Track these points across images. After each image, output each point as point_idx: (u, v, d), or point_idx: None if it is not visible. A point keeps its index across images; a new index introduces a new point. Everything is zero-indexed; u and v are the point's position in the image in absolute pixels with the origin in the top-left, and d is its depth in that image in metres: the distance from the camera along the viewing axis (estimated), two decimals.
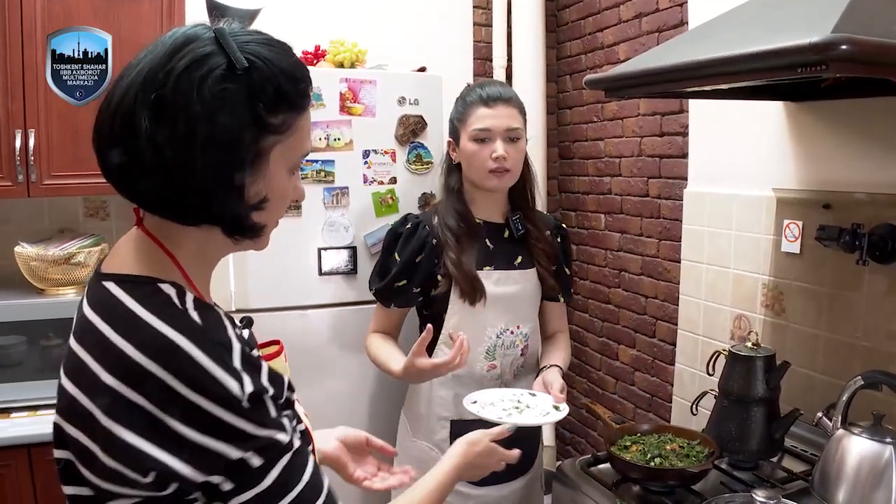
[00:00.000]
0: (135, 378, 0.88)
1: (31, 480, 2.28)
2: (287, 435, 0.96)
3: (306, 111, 1.03)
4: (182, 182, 0.92)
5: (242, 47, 0.95)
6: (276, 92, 0.96)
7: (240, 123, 0.93)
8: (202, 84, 0.91)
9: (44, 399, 2.44)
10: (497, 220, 2.18)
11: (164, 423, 0.87)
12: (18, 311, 2.44)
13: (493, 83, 2.17)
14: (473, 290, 2.07)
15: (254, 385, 0.92)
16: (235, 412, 0.90)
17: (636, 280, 3.04)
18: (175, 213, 0.97)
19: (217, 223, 0.98)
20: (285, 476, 0.95)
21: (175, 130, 0.90)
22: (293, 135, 1.01)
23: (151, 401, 0.88)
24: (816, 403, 1.89)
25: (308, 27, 3.00)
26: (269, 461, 0.93)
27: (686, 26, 2.62)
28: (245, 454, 0.91)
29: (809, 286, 2.09)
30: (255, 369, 0.95)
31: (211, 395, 0.89)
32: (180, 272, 1.00)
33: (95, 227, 2.87)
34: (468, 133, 2.09)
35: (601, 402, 3.34)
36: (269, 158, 0.98)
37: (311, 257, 2.59)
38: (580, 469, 1.96)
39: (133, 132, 0.91)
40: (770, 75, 1.40)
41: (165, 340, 0.90)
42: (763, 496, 1.47)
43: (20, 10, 2.38)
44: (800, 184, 2.14)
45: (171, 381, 0.88)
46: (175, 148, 0.90)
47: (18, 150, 2.43)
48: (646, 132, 2.93)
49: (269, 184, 1.00)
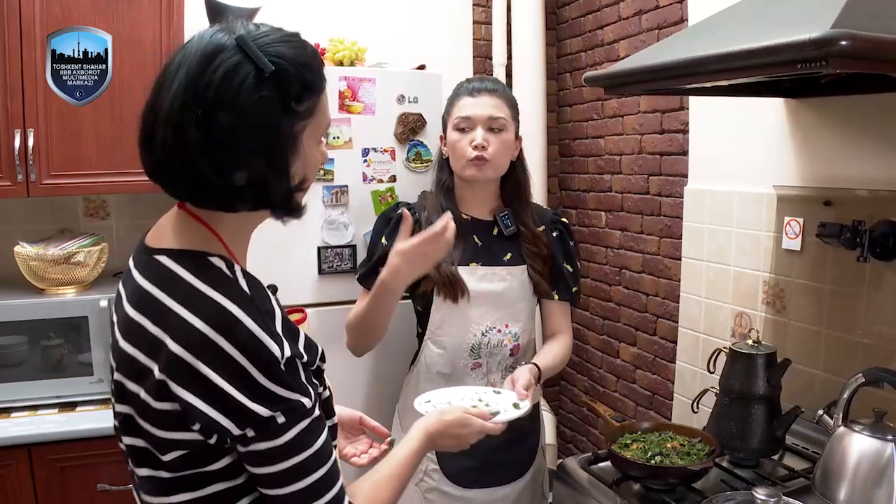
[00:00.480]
0: (195, 343, 1.00)
1: (31, 480, 2.28)
2: (311, 400, 1.06)
3: (323, 91, 1.14)
4: (234, 180, 1.04)
5: (265, 50, 1.04)
6: (302, 85, 1.07)
7: (277, 122, 1.05)
8: (238, 94, 1.01)
9: (44, 399, 2.45)
10: (486, 216, 2.17)
11: (214, 384, 0.99)
12: (18, 310, 2.44)
13: (484, 78, 2.20)
14: (453, 287, 2.06)
15: (291, 350, 1.04)
16: (272, 376, 1.01)
17: (637, 278, 3.04)
18: (221, 205, 1.09)
19: (270, 207, 1.12)
20: (301, 437, 1.04)
21: (222, 138, 1.02)
22: (318, 114, 1.12)
23: (206, 363, 0.99)
24: (817, 401, 1.89)
25: (307, 25, 2.92)
26: (290, 421, 1.03)
27: (686, 23, 2.61)
28: (274, 413, 1.01)
29: (810, 283, 2.09)
30: (293, 336, 1.08)
31: (256, 359, 1.00)
32: (224, 247, 1.12)
33: (95, 226, 2.87)
34: (451, 122, 2.12)
35: (602, 400, 3.34)
36: (303, 139, 1.10)
37: (310, 256, 2.59)
38: (581, 467, 1.96)
39: (183, 141, 1.02)
40: (769, 71, 1.39)
41: (223, 310, 1.01)
42: (764, 494, 1.46)
43: (19, 10, 2.38)
44: (800, 180, 2.13)
45: (228, 347, 0.99)
46: (227, 152, 1.02)
47: (18, 149, 2.42)
48: (646, 129, 2.92)
49: (306, 162, 1.12)
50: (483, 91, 2.11)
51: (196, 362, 0.99)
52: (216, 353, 0.99)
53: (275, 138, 1.05)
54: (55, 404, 2.45)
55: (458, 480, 2.10)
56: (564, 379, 3.70)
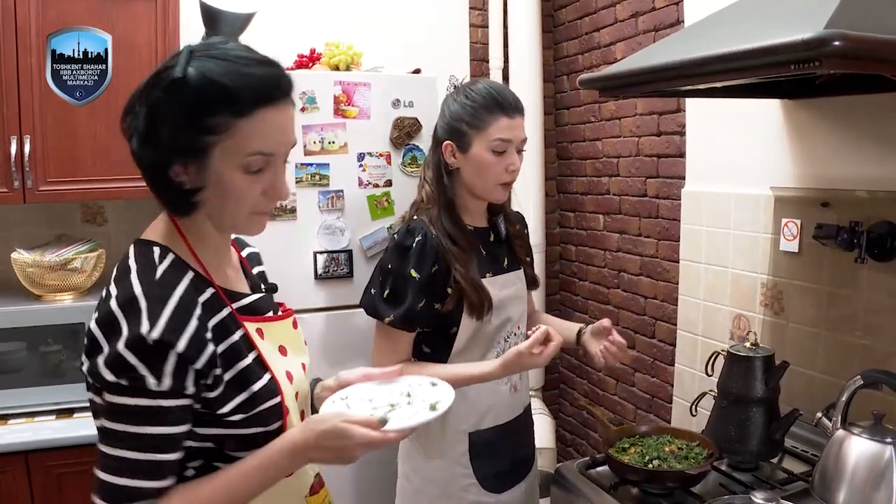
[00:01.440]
0: (102, 314, 1.13)
1: (28, 487, 2.28)
2: (158, 385, 1.09)
3: (246, 117, 1.15)
4: (141, 162, 1.18)
5: (196, 59, 1.13)
6: (204, 99, 1.12)
7: (175, 124, 1.12)
8: (151, 90, 1.14)
9: (41, 405, 2.44)
10: (482, 224, 2.09)
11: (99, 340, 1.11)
12: (15, 317, 2.43)
13: (504, 88, 2.03)
14: (481, 301, 1.95)
15: (161, 335, 1.09)
16: (130, 347, 1.08)
17: (635, 280, 3.03)
18: (152, 191, 1.22)
19: (159, 201, 1.22)
20: (131, 410, 1.10)
21: (137, 128, 1.15)
22: (233, 137, 1.15)
23: (100, 329, 1.11)
24: (816, 403, 1.88)
25: (303, 30, 3.00)
26: (130, 393, 1.09)
27: (682, 25, 2.61)
28: (119, 379, 1.09)
29: (808, 285, 2.08)
30: (181, 328, 1.12)
31: (130, 329, 1.08)
32: (184, 242, 1.23)
33: (93, 232, 2.86)
34: (487, 142, 1.93)
35: (602, 403, 3.33)
36: (213, 154, 1.15)
37: (306, 261, 2.58)
38: (578, 471, 1.95)
39: (127, 128, 1.18)
40: (764, 72, 1.39)
41: (130, 287, 1.13)
42: (762, 498, 1.46)
43: (14, 14, 2.37)
44: (798, 182, 2.13)
45: (119, 315, 1.10)
46: (138, 143, 1.16)
47: (14, 155, 2.42)
48: (643, 132, 2.92)
49: (212, 177, 1.17)
50: (517, 111, 1.96)
51: (93, 325, 1.13)
52: (109, 317, 1.11)
53: (170, 136, 1.13)
54: (53, 411, 2.44)
55: (491, 487, 2.04)
56: (564, 383, 3.69)
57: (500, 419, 2.06)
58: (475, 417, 2.02)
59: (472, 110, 1.94)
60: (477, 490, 2.03)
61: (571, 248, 3.53)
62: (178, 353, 1.10)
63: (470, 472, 2.03)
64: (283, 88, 1.19)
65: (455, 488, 2.02)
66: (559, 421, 3.69)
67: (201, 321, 1.16)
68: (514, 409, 2.09)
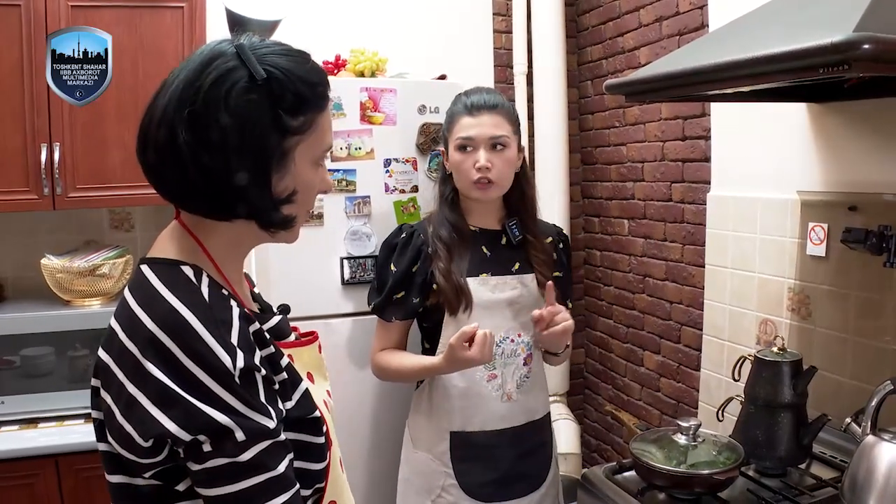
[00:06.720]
0: (141, 339, 0.98)
1: (58, 490, 2.31)
2: (272, 421, 1.02)
3: (325, 110, 1.13)
4: (219, 184, 1.04)
5: (261, 59, 1.05)
6: (295, 96, 1.06)
7: (264, 128, 1.04)
8: (228, 97, 1.02)
9: (71, 409, 2.47)
10: (493, 226, 2.16)
11: (167, 388, 0.96)
12: (45, 322, 2.47)
13: (480, 90, 2.14)
14: (457, 299, 2.04)
15: (245, 361, 1.00)
16: (226, 385, 0.97)
17: (660, 285, 3.02)
18: (211, 211, 1.09)
19: (252, 218, 1.09)
20: (261, 458, 0.99)
21: (209, 140, 1.01)
22: (314, 132, 1.10)
23: (153, 362, 0.97)
24: (845, 409, 1.85)
25: (328, 37, 3.01)
26: (250, 439, 0.98)
27: (707, 29, 2.60)
28: (230, 425, 0.96)
29: (836, 289, 2.06)
30: (250, 349, 1.03)
31: (207, 366, 0.97)
32: (208, 259, 1.11)
33: (120, 238, 2.90)
34: (453, 142, 2.10)
35: (627, 408, 3.32)
36: (294, 156, 1.09)
37: (333, 267, 2.59)
38: (605, 476, 1.94)
39: (173, 142, 1.03)
40: (791, 77, 1.38)
41: (175, 313, 0.99)
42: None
43: (45, 23, 2.42)
44: (824, 186, 2.11)
45: (175, 350, 0.97)
46: (211, 155, 1.02)
47: (44, 163, 2.46)
48: (668, 136, 2.91)
49: (297, 178, 1.10)
50: (483, 109, 2.06)
51: (142, 359, 0.97)
52: (164, 356, 0.97)
53: (260, 145, 1.04)
54: (82, 415, 2.47)
55: (476, 495, 2.08)
56: (588, 388, 3.68)
57: (489, 426, 2.08)
58: (460, 418, 2.07)
59: (447, 115, 2.16)
60: (457, 492, 2.07)
61: (596, 253, 3.52)
62: (263, 375, 1.04)
63: (450, 471, 2.08)
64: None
65: (435, 484, 2.09)
66: (583, 426, 3.68)
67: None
68: (509, 419, 2.10)
